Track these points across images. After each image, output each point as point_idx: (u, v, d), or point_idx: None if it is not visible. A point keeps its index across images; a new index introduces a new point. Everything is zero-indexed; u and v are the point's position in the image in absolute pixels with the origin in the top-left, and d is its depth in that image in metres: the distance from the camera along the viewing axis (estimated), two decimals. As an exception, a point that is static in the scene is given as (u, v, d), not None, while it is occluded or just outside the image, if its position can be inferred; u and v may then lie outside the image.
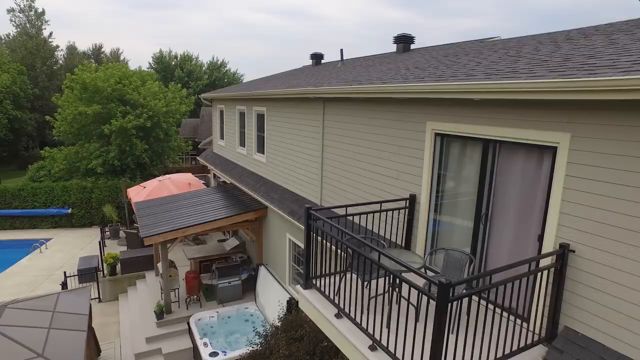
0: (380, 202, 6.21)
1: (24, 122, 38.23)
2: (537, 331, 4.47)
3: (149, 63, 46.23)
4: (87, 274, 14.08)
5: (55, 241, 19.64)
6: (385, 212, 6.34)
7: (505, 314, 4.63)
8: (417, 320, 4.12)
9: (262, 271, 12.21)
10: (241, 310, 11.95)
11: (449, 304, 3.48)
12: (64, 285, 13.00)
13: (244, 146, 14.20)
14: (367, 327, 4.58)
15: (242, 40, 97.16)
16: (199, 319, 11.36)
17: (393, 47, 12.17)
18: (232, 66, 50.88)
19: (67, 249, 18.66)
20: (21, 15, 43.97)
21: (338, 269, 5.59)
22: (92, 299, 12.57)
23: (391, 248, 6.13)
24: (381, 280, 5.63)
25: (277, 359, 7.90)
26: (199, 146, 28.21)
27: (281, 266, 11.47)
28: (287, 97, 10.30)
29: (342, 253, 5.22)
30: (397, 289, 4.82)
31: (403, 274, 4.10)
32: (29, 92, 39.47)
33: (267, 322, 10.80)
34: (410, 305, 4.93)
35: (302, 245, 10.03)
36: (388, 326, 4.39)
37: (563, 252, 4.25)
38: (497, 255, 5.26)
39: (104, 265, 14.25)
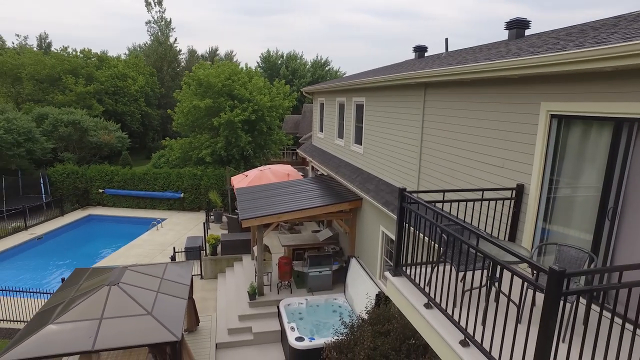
0: (482, 190, 5.64)
1: (152, 118, 43.39)
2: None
3: (257, 62, 49.20)
4: (192, 252, 15.31)
5: (169, 221, 21.83)
6: (487, 202, 5.75)
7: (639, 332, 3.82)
8: (518, 321, 3.59)
9: (353, 263, 12.08)
10: (330, 301, 11.96)
11: (561, 300, 2.90)
12: (173, 259, 14.28)
13: (342, 138, 14.22)
14: (459, 321, 4.14)
15: (345, 41, 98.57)
16: (288, 304, 11.61)
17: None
18: (334, 64, 51.90)
19: (178, 229, 20.58)
20: (155, 26, 49.87)
21: (430, 259, 5.19)
22: (194, 275, 13.65)
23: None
24: (477, 274, 5.09)
25: (362, 350, 7.67)
26: (299, 141, 29.12)
27: (372, 259, 11.22)
28: (386, 84, 10.02)
29: (436, 242, 4.82)
30: (496, 283, 4.30)
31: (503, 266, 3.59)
32: (157, 91, 44.81)
33: (355, 315, 10.62)
34: (510, 304, 4.36)
35: (394, 238, 9.69)
36: (483, 323, 3.91)
37: None
38: (628, 257, 4.40)
39: (207, 245, 15.37)
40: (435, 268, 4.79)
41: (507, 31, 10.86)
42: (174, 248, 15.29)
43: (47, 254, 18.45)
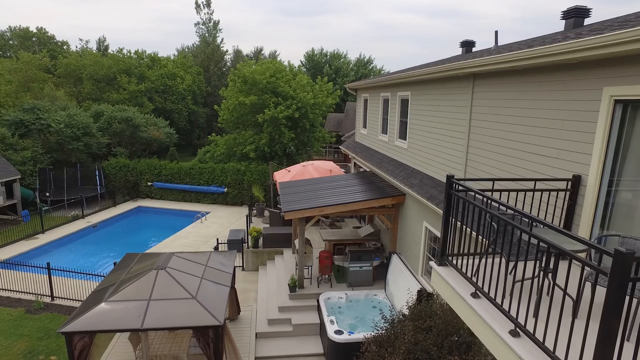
0: (535, 180, 5.38)
1: (198, 115, 44.86)
2: None
3: (301, 61, 49.70)
4: (234, 244, 15.64)
5: (212, 214, 22.48)
6: (539, 194, 5.48)
7: None
8: (575, 316, 3.38)
9: (395, 259, 11.90)
10: (369, 296, 11.85)
11: (627, 289, 2.67)
12: (216, 250, 14.66)
13: (385, 133, 14.07)
14: (509, 311, 3.96)
15: (390, 41, 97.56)
16: (328, 298, 11.61)
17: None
18: (378, 63, 51.41)
19: (221, 222, 21.15)
20: (203, 27, 51.62)
21: (476, 250, 5.01)
22: (236, 267, 13.98)
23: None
24: (527, 265, 4.86)
25: (402, 344, 7.53)
26: (341, 139, 29.12)
27: (414, 256, 11.02)
28: (433, 77, 9.81)
29: (484, 230, 4.64)
30: (550, 274, 4.07)
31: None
32: (203, 90, 46.28)
33: (395, 311, 10.47)
34: (560, 297, 4.11)
35: (438, 235, 9.47)
36: (535, 316, 3.72)
37: None
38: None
39: (249, 238, 15.68)
40: (484, 258, 4.61)
41: (564, 21, 10.31)
42: (217, 239, 15.72)
43: (100, 241, 19.57)
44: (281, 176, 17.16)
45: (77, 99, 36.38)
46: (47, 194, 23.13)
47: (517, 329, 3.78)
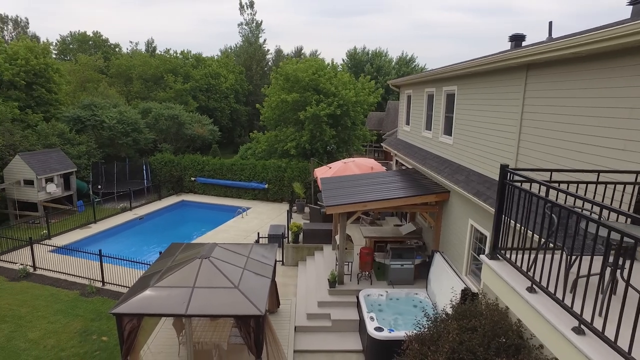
0: (598, 172, 5.01)
1: (240, 114, 45.75)
2: None
3: (342, 60, 49.60)
4: (275, 239, 15.78)
5: (253, 210, 22.82)
6: (603, 187, 5.10)
7: None
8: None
9: (437, 258, 11.58)
10: (410, 295, 11.60)
11: None
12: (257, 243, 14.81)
13: (429, 129, 13.73)
14: (572, 307, 3.69)
15: (432, 40, 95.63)
16: (368, 295, 11.46)
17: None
18: (420, 62, 50.24)
19: (261, 217, 21.42)
20: (246, 27, 52.62)
21: (532, 245, 4.73)
22: (276, 261, 14.08)
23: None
24: (587, 260, 4.51)
25: (446, 343, 7.27)
26: (382, 137, 28.77)
27: (459, 255, 10.66)
28: (482, 70, 9.44)
29: (541, 223, 4.35)
30: (619, 270, 3.75)
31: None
32: (245, 88, 47.16)
33: (437, 310, 10.17)
34: (629, 295, 3.77)
35: (485, 233, 9.11)
36: (601, 314, 3.44)
37: None
38: None
39: (289, 233, 15.76)
40: (542, 252, 4.33)
41: (631, 7, 9.61)
42: (258, 234, 15.90)
43: (146, 232, 20.37)
44: (322, 173, 17.14)
45: (127, 98, 38.10)
46: (99, 187, 24.32)
47: (582, 326, 3.51)
